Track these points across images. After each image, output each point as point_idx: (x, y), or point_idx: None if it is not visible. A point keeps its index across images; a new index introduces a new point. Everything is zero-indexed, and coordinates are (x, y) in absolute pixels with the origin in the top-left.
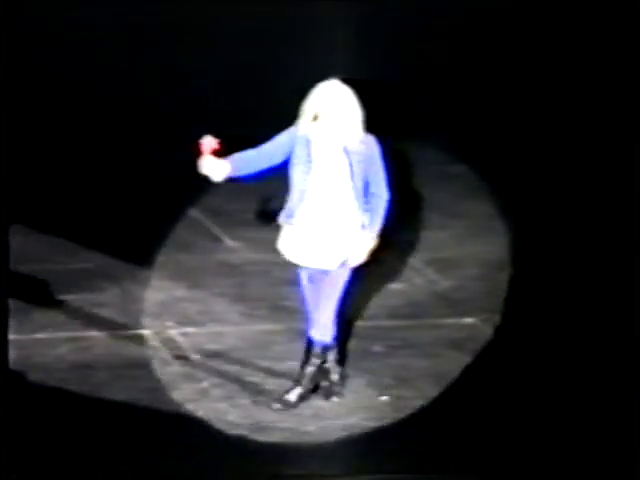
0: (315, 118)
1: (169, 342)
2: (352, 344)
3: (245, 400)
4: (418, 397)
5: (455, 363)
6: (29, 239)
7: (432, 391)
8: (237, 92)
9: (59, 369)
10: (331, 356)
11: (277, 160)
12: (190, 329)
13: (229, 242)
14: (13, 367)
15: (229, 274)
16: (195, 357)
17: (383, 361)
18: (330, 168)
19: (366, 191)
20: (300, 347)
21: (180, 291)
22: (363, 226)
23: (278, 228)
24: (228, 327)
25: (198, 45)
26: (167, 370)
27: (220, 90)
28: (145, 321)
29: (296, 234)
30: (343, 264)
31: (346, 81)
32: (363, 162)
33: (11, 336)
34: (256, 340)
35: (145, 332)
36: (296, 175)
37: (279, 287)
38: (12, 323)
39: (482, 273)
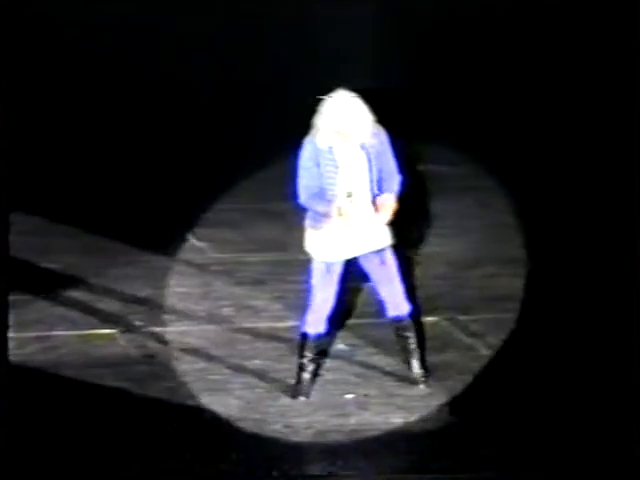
0: (335, 132)
1: (136, 341)
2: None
3: (211, 398)
4: (383, 395)
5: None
6: None
7: (396, 389)
8: (239, 95)
9: (30, 368)
10: (411, 333)
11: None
12: (157, 328)
13: (195, 242)
14: None
15: (195, 274)
16: (163, 356)
17: (347, 359)
18: (353, 167)
19: (379, 179)
20: (264, 346)
21: (147, 290)
22: (382, 191)
23: (242, 228)
24: (195, 326)
25: (211, 47)
26: (135, 369)
27: (222, 92)
28: (113, 320)
29: (328, 234)
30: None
31: (354, 90)
32: (377, 153)
33: None
34: (222, 339)
35: (112, 331)
36: (325, 182)
37: (244, 286)
38: None
39: (446, 272)
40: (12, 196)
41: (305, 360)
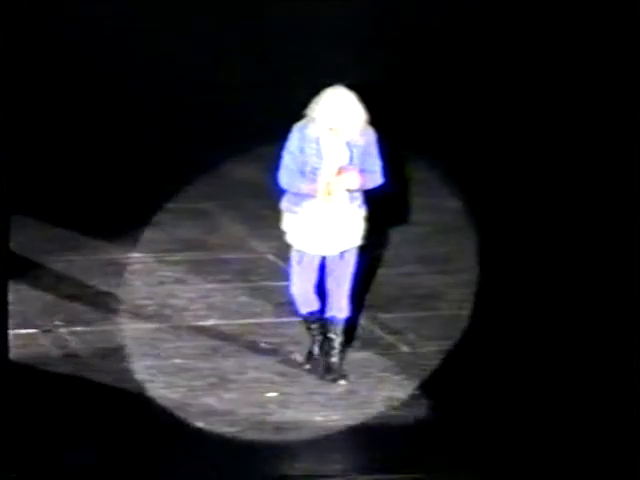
0: (327, 126)
1: (58, 341)
2: (241, 341)
3: (133, 396)
4: (304, 393)
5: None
6: None
7: (319, 386)
8: (232, 92)
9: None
10: (338, 336)
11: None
12: (79, 328)
13: (117, 242)
14: None
15: (116, 273)
16: (84, 355)
17: (270, 357)
18: (335, 160)
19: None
20: (186, 344)
21: (69, 290)
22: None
23: (162, 229)
24: (116, 325)
25: (198, 44)
26: (57, 369)
27: (218, 88)
28: (34, 320)
29: (302, 222)
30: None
31: (349, 86)
32: (362, 153)
33: None
34: (143, 338)
35: (34, 331)
36: (307, 170)
37: (165, 286)
38: None
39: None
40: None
41: (315, 339)
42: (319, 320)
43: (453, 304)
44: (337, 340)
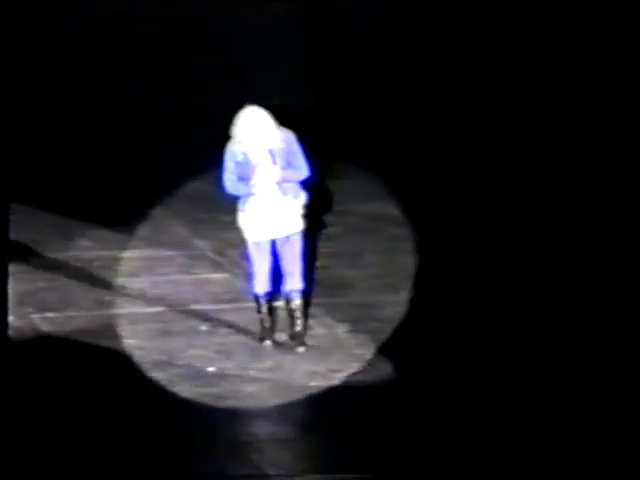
0: (244, 140)
1: (31, 326)
2: (184, 324)
3: (98, 372)
4: (238, 367)
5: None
6: None
7: (251, 362)
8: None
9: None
10: (299, 307)
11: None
12: (50, 314)
13: (82, 241)
14: None
15: (83, 268)
16: (54, 338)
17: (208, 339)
18: (262, 164)
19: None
20: (142, 328)
21: (41, 282)
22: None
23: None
24: (83, 312)
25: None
26: (30, 351)
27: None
28: (10, 308)
29: (250, 216)
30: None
31: (263, 106)
32: (284, 154)
33: None
34: (105, 322)
35: (10, 318)
36: (243, 177)
37: (123, 278)
38: None
39: None
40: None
41: (262, 315)
42: (270, 299)
43: (362, 292)
44: (299, 310)
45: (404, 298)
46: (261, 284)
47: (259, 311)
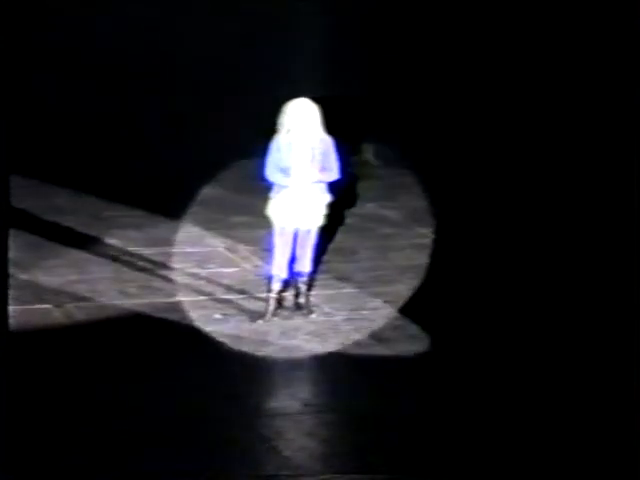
0: (290, 130)
1: (66, 313)
2: (199, 313)
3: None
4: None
5: (277, 326)
6: None
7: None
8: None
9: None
10: (304, 284)
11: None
12: (82, 304)
13: (108, 240)
14: None
15: (109, 263)
16: (85, 325)
17: (221, 325)
18: (302, 160)
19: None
20: (161, 315)
21: (73, 276)
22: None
23: (142, 230)
24: (109, 302)
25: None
26: (67, 335)
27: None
28: (48, 298)
29: (281, 206)
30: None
31: (313, 99)
32: (322, 154)
33: None
34: (129, 312)
35: (48, 306)
36: (284, 166)
37: (146, 272)
38: None
39: None
40: None
41: (271, 294)
42: (282, 286)
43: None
44: (304, 287)
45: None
46: (279, 268)
47: (269, 290)
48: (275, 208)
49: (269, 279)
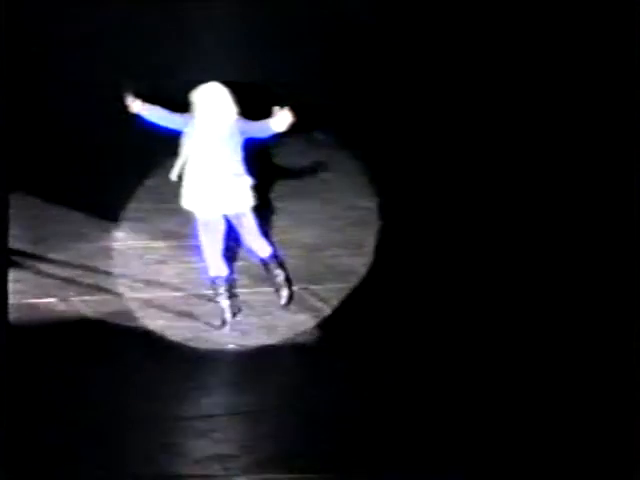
0: (202, 112)
1: (72, 307)
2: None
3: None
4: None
5: (285, 320)
6: None
7: (267, 339)
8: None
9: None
10: (281, 272)
11: (174, 126)
12: (87, 297)
13: (116, 233)
14: None
15: (116, 257)
16: (93, 318)
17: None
18: (213, 143)
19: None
20: (167, 307)
21: (80, 269)
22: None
23: (151, 222)
24: (115, 296)
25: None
26: (70, 328)
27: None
28: (53, 291)
29: (196, 195)
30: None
31: (224, 83)
32: (236, 135)
33: None
34: (133, 306)
35: (53, 300)
36: (187, 149)
37: (152, 266)
38: None
39: (300, 253)
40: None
41: (219, 299)
42: (227, 285)
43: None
44: (281, 276)
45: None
46: (214, 267)
47: (216, 294)
48: (191, 198)
49: (212, 282)
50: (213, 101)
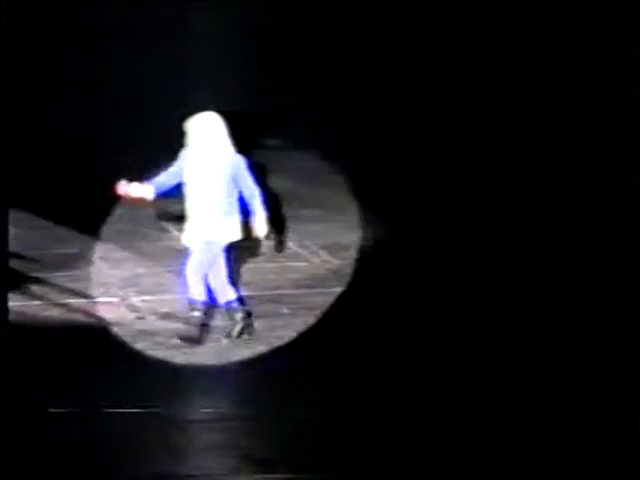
0: (197, 147)
1: (131, 306)
2: (267, 307)
3: (183, 347)
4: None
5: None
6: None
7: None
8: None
9: (51, 328)
10: (240, 316)
11: (181, 179)
12: (147, 297)
13: (174, 233)
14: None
15: (174, 256)
16: (150, 318)
17: (288, 320)
18: (210, 178)
19: (241, 195)
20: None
21: (140, 269)
22: (253, 212)
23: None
24: (173, 295)
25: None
26: (131, 327)
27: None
28: (113, 291)
29: (195, 226)
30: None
31: (219, 112)
32: (232, 173)
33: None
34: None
35: (113, 299)
36: (189, 187)
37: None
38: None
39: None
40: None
41: (193, 320)
42: (201, 307)
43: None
44: (240, 320)
45: None
46: (195, 293)
47: (192, 314)
48: (189, 232)
49: (188, 302)
50: (208, 131)
